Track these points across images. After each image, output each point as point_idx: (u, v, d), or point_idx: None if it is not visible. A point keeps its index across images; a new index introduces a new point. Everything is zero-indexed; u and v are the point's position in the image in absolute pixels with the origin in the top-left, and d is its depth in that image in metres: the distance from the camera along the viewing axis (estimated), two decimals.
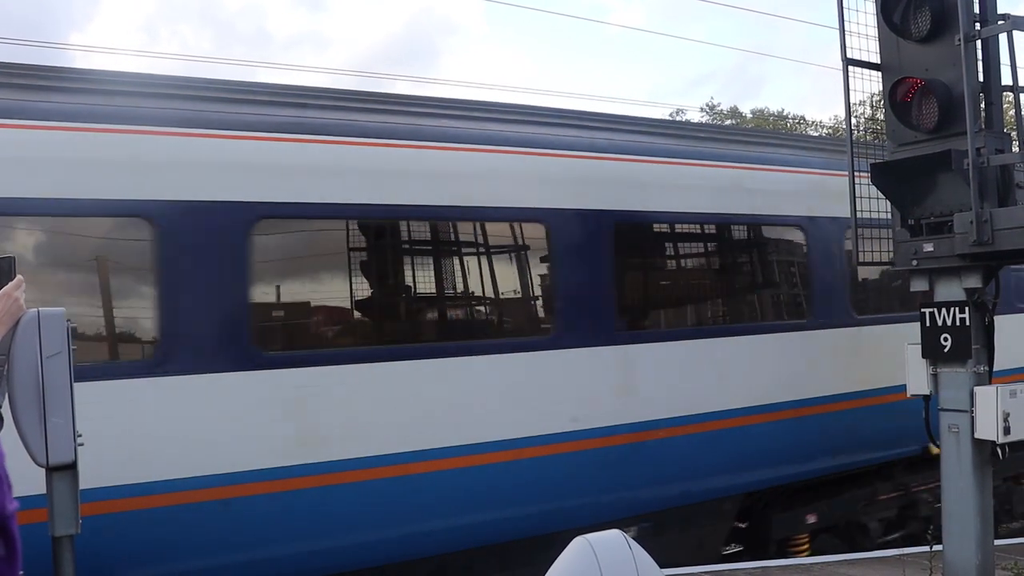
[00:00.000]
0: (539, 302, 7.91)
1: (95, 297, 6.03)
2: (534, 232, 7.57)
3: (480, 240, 7.49)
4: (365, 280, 7.04)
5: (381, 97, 7.71)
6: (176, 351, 5.98)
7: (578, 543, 3.39)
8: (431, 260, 7.42)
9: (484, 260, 7.50)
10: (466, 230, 7.46)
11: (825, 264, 9.37)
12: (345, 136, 6.83)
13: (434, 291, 7.39)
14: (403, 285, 7.32)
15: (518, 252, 7.72)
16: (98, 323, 6.05)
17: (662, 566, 3.48)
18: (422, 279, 7.42)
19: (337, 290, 6.87)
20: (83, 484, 3.85)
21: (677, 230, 8.66)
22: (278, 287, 6.66)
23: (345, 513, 6.51)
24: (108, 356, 6.04)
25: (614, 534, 3.42)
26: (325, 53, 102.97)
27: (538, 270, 7.74)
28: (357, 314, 7.09)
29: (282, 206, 6.43)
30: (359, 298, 7.00)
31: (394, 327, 7.27)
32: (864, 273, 9.82)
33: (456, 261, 7.55)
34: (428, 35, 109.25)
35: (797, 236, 9.32)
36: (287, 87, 7.32)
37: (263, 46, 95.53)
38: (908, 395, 7.33)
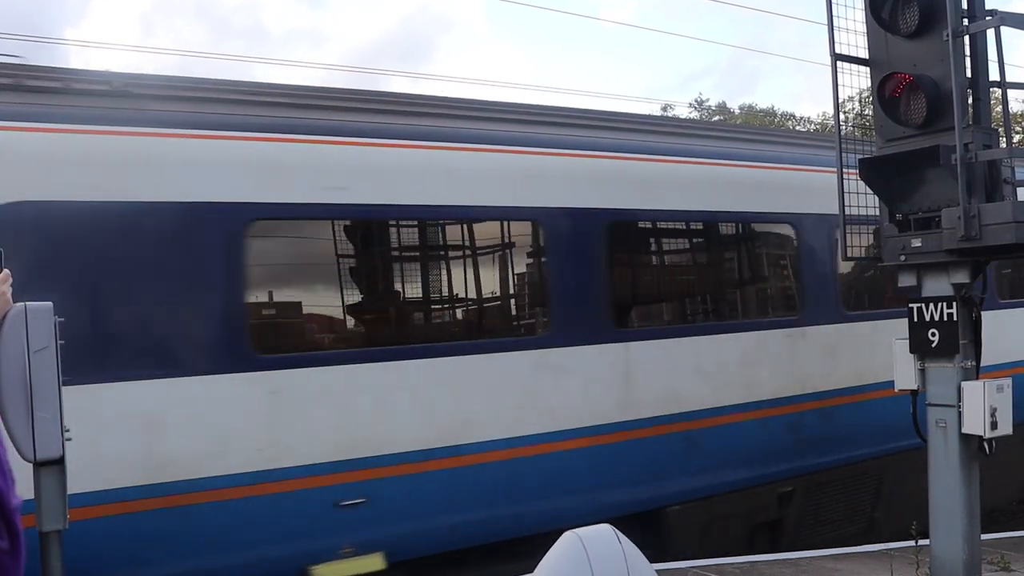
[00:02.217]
0: None
1: None
2: None
3: None
4: None
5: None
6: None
7: (568, 538, 3.39)
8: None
9: None
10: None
11: None
12: None
13: None
14: None
15: None
16: None
17: (651, 561, 3.48)
18: None
19: None
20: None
21: None
22: None
23: None
24: None
25: (604, 528, 3.42)
26: (321, 49, 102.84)
27: None
28: None
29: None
30: None
31: None
32: None
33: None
34: (426, 31, 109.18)
35: None
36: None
37: (260, 41, 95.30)
38: (896, 390, 7.36)
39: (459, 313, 7.96)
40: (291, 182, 6.79)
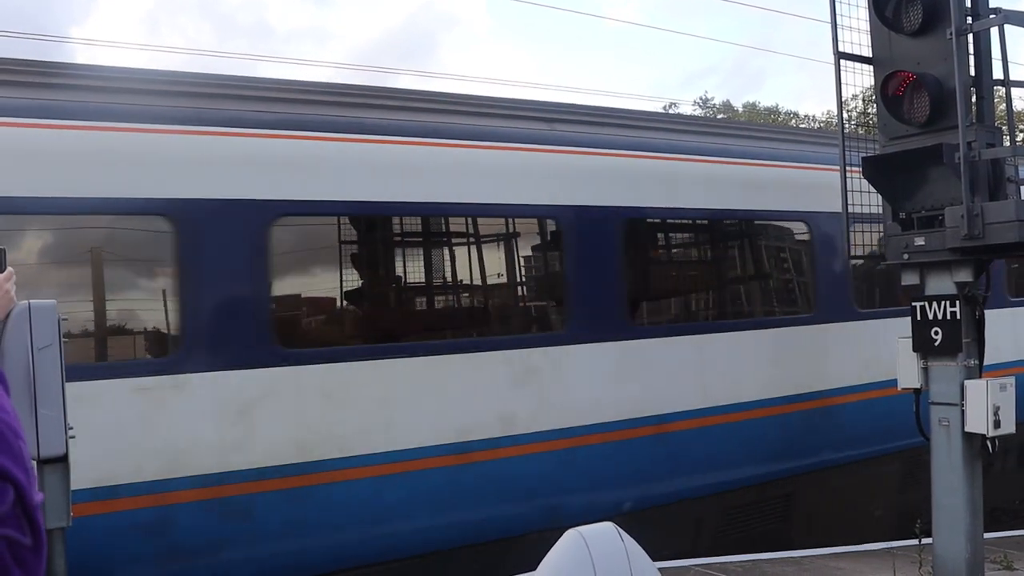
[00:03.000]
0: None
1: None
2: None
3: None
4: None
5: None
6: None
7: (570, 535, 3.39)
8: None
9: None
10: None
11: None
12: None
13: None
14: None
15: None
16: None
17: (653, 559, 3.48)
18: None
19: None
20: None
21: None
22: None
23: None
24: None
25: (606, 526, 3.42)
26: (326, 47, 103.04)
27: None
28: None
29: None
30: None
31: None
32: None
33: None
34: (429, 30, 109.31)
35: None
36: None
37: (264, 39, 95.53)
38: (899, 389, 7.36)
39: None
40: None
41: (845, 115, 7.40)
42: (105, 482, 5.86)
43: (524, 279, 8.28)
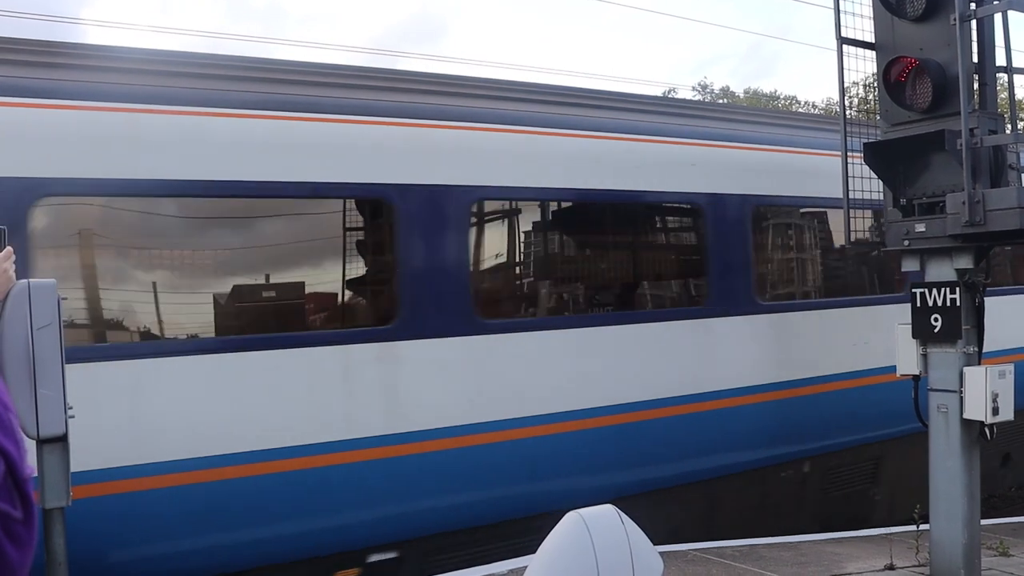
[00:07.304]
0: None
1: None
2: None
3: None
4: None
5: None
6: None
7: (571, 518, 3.37)
8: None
9: None
10: None
11: None
12: None
13: None
14: None
15: None
16: None
17: (655, 542, 3.48)
18: None
19: None
20: None
21: None
22: None
23: None
24: None
25: (607, 509, 3.41)
26: (339, 30, 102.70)
27: None
28: None
29: None
30: None
31: None
32: None
33: None
34: (441, 13, 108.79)
35: None
36: None
37: (278, 22, 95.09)
38: (898, 375, 7.37)
39: None
40: None
41: (847, 101, 7.36)
42: None
43: None
